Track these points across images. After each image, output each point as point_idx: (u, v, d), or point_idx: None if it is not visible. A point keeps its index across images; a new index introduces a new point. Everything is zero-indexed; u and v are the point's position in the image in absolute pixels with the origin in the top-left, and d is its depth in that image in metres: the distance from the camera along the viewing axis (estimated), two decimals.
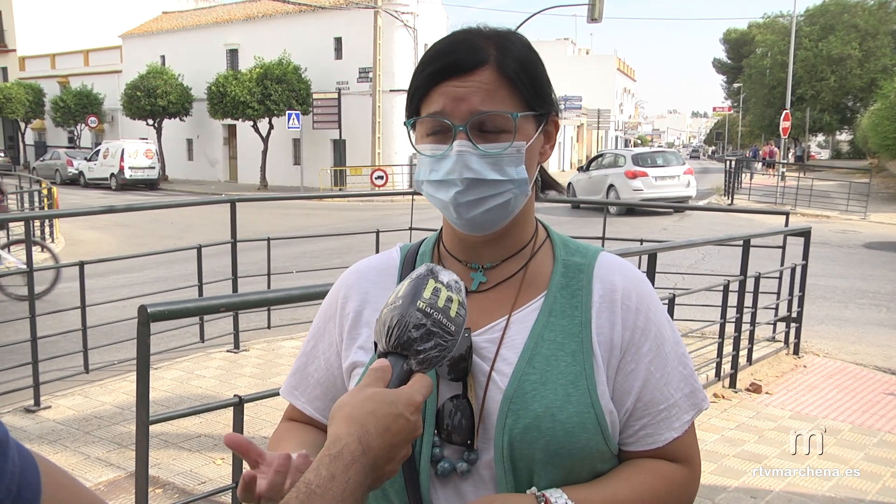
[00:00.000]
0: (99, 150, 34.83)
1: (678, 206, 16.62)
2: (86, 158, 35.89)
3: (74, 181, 35.57)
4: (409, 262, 1.28)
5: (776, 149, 43.69)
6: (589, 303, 1.17)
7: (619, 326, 1.16)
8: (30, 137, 48.28)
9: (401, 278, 1.24)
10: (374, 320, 1.05)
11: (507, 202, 1.14)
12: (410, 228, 8.79)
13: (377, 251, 8.01)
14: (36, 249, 8.17)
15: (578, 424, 1.08)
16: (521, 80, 1.13)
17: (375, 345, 1.01)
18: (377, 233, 8.01)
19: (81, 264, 5.81)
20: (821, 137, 68.63)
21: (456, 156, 1.11)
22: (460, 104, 1.11)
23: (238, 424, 2.93)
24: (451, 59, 1.12)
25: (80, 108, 41.40)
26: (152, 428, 2.70)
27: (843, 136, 65.23)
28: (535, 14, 30.62)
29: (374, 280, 1.28)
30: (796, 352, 7.07)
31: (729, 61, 75.85)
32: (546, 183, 1.32)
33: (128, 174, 32.80)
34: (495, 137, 1.12)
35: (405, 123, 1.21)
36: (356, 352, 1.22)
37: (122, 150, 32.91)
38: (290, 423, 1.34)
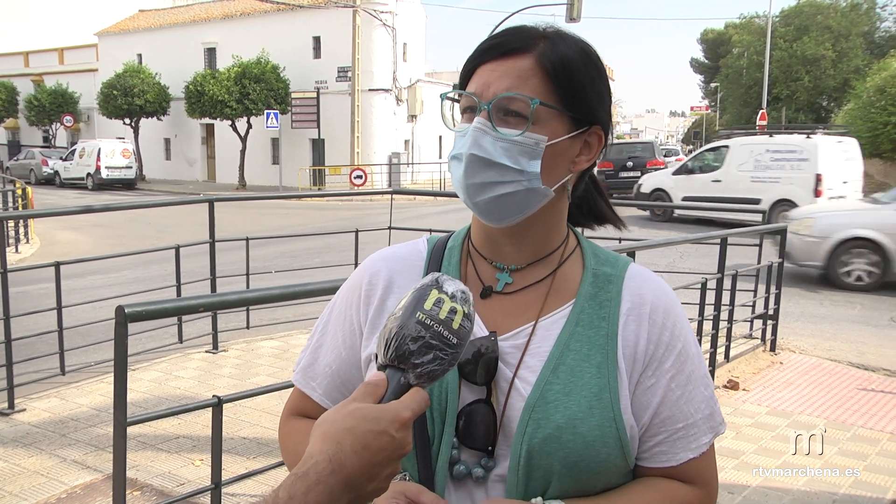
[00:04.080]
0: (75, 150, 34.49)
1: (659, 204, 16.87)
2: (61, 158, 35.53)
3: (50, 181, 35.21)
4: (436, 255, 1.25)
5: None
6: (616, 315, 1.15)
7: (643, 340, 1.14)
8: (3, 136, 47.73)
9: (427, 270, 1.22)
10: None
11: (516, 194, 1.11)
12: (390, 228, 8.78)
13: (356, 251, 8.03)
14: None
15: (599, 438, 1.07)
16: (557, 75, 1.10)
17: (376, 357, 0.97)
18: (356, 232, 8.00)
19: (57, 265, 5.75)
20: None
21: (471, 132, 1.11)
22: (490, 85, 1.11)
23: (217, 425, 2.92)
24: (497, 41, 1.13)
25: (55, 106, 40.96)
26: (130, 430, 2.68)
27: None
28: (512, 14, 30.69)
29: (399, 270, 1.24)
30: (773, 348, 7.14)
31: (706, 61, 76.22)
32: (597, 212, 1.29)
33: (104, 174, 32.50)
34: (518, 124, 1.10)
35: (441, 97, 1.21)
36: (376, 342, 1.17)
37: (99, 150, 32.61)
38: (305, 424, 1.25)
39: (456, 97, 1.18)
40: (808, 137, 16.22)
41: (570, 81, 1.11)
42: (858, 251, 10.34)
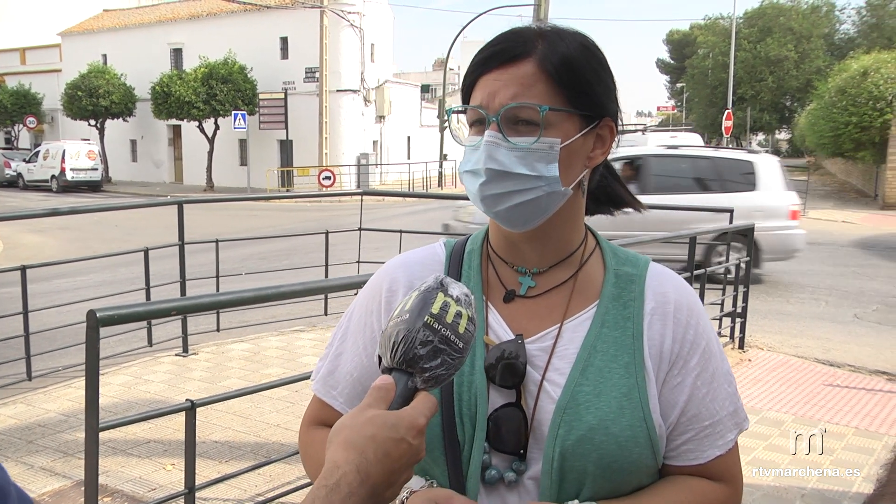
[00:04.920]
0: (39, 152, 33.99)
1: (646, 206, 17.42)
2: (25, 160, 34.97)
3: (13, 183, 34.70)
4: (455, 258, 1.25)
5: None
6: (641, 315, 1.16)
7: (668, 339, 1.15)
8: None
9: (447, 275, 1.18)
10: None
11: (537, 200, 1.11)
12: (360, 229, 8.77)
13: (326, 252, 8.01)
14: None
15: (631, 438, 1.08)
16: (561, 76, 1.09)
17: (380, 358, 0.96)
18: (326, 233, 7.98)
19: (23, 268, 5.67)
20: (761, 136, 70.19)
21: (484, 146, 1.10)
22: (496, 95, 1.09)
23: (191, 429, 2.90)
24: (495, 49, 1.11)
25: (17, 108, 40.29)
26: (100, 435, 2.65)
27: (782, 135, 66.89)
28: (480, 15, 30.84)
29: (419, 275, 1.21)
30: (741, 346, 7.24)
31: (672, 62, 77.04)
32: (615, 197, 1.28)
33: (69, 176, 32.05)
34: (528, 131, 1.09)
35: (447, 111, 1.19)
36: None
37: (64, 152, 32.15)
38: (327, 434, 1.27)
39: (462, 111, 1.16)
40: (643, 133, 17.51)
41: (574, 80, 1.10)
42: None
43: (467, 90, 1.16)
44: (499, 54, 1.11)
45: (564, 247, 1.20)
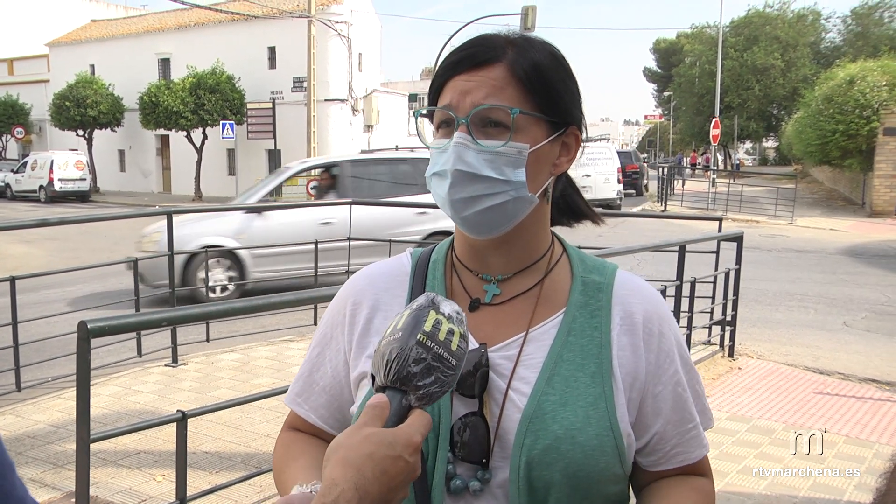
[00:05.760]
0: (27, 162, 33.92)
1: (619, 214, 17.15)
2: (12, 170, 34.90)
3: (0, 194, 34.55)
4: (420, 268, 1.24)
5: (708, 155, 44.99)
6: (609, 324, 1.15)
7: (642, 351, 1.15)
8: None
9: (412, 285, 1.21)
10: (385, 328, 1.01)
11: (504, 204, 1.11)
12: (349, 238, 8.77)
13: (316, 261, 8.00)
14: None
15: (598, 447, 1.07)
16: (531, 81, 1.10)
17: (373, 377, 0.96)
18: (315, 243, 7.97)
19: (13, 279, 5.64)
20: (748, 144, 70.60)
21: (452, 148, 1.09)
22: (465, 97, 1.10)
23: (182, 440, 2.89)
24: (466, 53, 1.12)
25: (5, 118, 40.19)
26: (90, 446, 2.64)
27: (770, 143, 67.28)
28: (467, 24, 30.85)
29: (384, 287, 1.23)
30: (731, 354, 7.26)
31: (659, 70, 77.47)
32: (575, 209, 1.28)
33: (58, 186, 31.96)
34: (498, 134, 1.09)
35: (414, 114, 1.20)
36: (365, 361, 1.18)
37: (52, 162, 32.08)
38: (295, 436, 1.28)
39: (429, 113, 1.16)
40: (607, 142, 18.02)
41: (544, 86, 1.11)
42: (214, 260, 9.16)
43: (435, 93, 1.15)
44: (469, 58, 1.11)
45: (530, 254, 1.19)
